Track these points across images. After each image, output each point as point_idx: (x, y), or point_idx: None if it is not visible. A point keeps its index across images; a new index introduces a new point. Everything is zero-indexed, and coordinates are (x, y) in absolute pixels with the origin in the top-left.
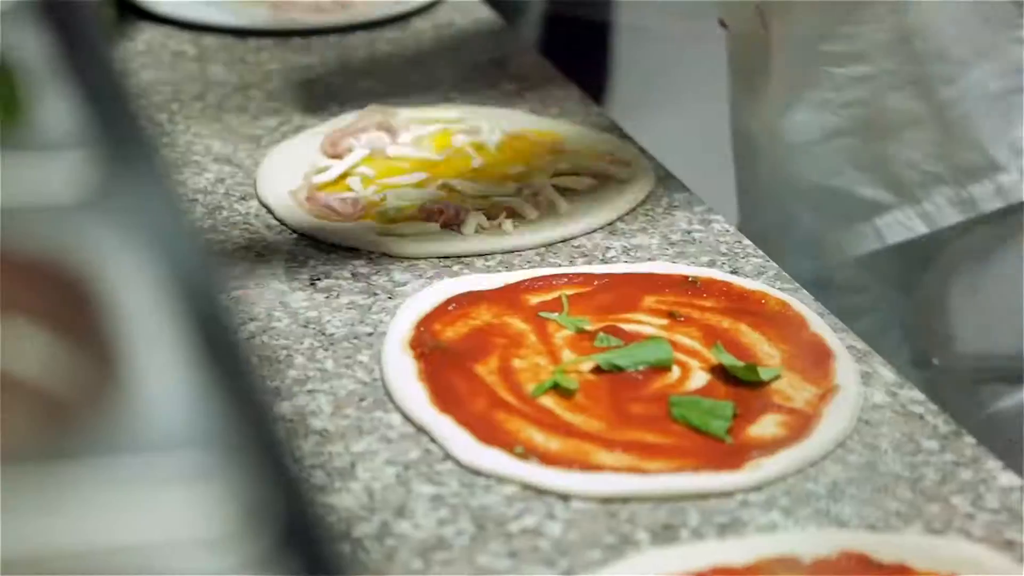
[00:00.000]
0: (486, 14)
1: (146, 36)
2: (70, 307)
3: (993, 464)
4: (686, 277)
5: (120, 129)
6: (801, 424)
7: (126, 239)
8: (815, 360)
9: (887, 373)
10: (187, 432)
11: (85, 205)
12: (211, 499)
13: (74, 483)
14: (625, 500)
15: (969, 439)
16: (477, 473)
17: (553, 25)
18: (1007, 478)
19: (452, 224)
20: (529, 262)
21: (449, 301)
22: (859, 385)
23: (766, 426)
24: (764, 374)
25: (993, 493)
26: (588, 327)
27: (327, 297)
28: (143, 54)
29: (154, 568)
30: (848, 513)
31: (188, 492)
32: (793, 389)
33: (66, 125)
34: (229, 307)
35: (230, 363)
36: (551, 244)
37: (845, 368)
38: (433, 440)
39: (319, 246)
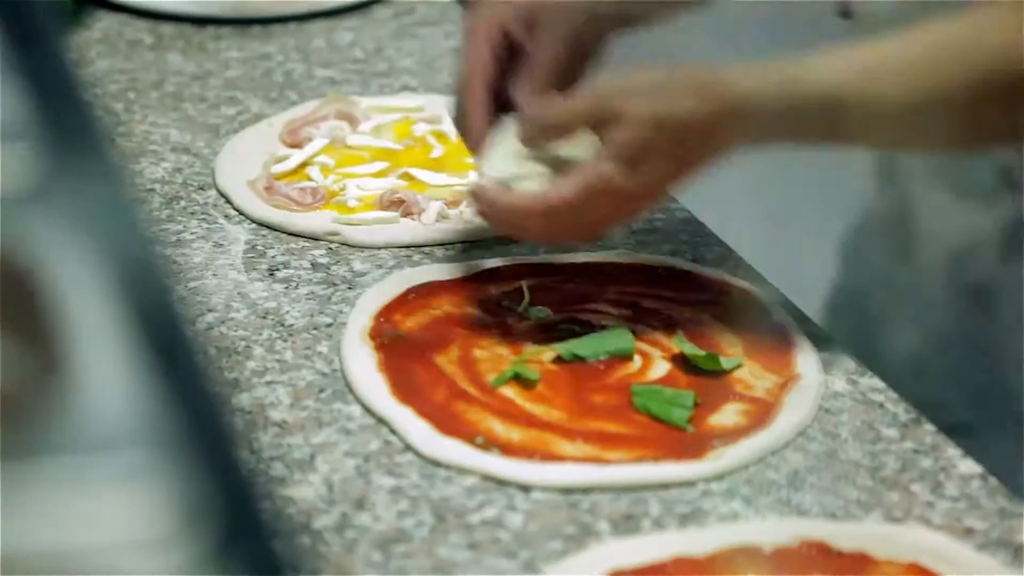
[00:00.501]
0: (448, 1)
1: (102, 24)
2: (13, 301)
3: (953, 452)
4: (648, 266)
5: (70, 119)
6: (762, 413)
7: (73, 232)
8: (776, 349)
9: (848, 361)
10: (131, 430)
11: (31, 197)
12: (154, 498)
13: (14, 484)
14: (586, 490)
15: (929, 427)
16: (437, 464)
17: None
18: (966, 466)
19: (413, 213)
20: (490, 251)
21: (409, 291)
22: (820, 373)
23: (727, 415)
24: (725, 363)
25: (953, 481)
26: (549, 317)
27: (286, 287)
28: (99, 42)
29: (97, 569)
30: (808, 502)
31: (131, 492)
32: (754, 378)
33: (13, 115)
34: (177, 302)
35: (176, 359)
36: None
37: (806, 357)
38: (393, 431)
39: (278, 236)
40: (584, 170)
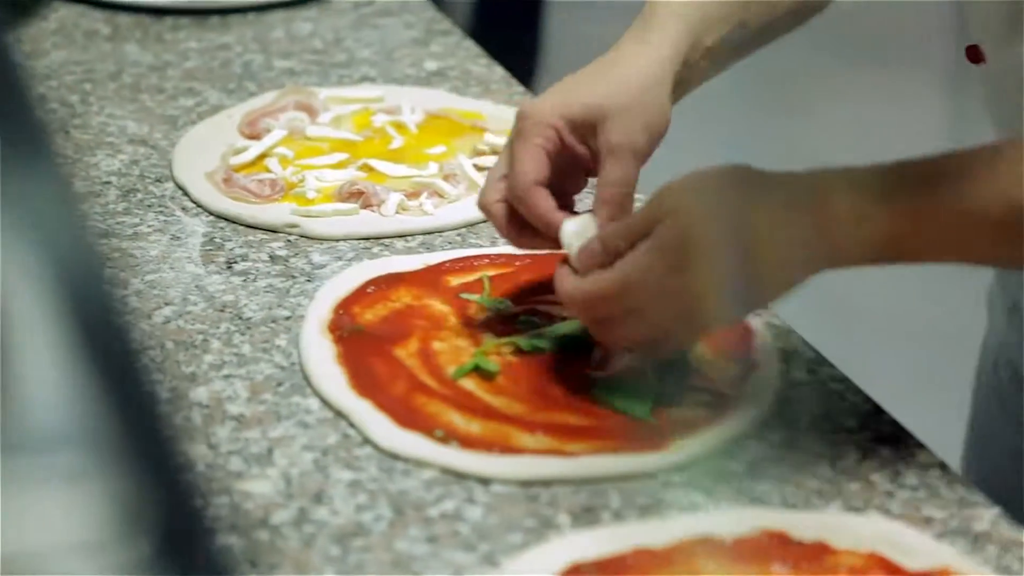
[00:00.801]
0: None
1: (59, 15)
2: None
3: (912, 441)
4: None
5: (18, 113)
6: (721, 403)
7: (14, 227)
8: (736, 338)
9: (807, 351)
10: (64, 431)
11: None
12: (92, 500)
13: None
14: (546, 483)
15: (888, 416)
16: (396, 458)
17: (484, 3)
18: (925, 455)
19: (372, 205)
20: (450, 243)
21: (369, 283)
22: (779, 363)
23: (687, 406)
24: (685, 353)
25: (912, 470)
26: (510, 308)
27: (244, 280)
28: (55, 33)
29: (33, 571)
30: (768, 492)
31: (64, 494)
32: (714, 368)
33: None
34: (118, 298)
35: (115, 357)
36: (473, 224)
37: (765, 346)
38: (352, 425)
39: (236, 228)
40: (623, 261)
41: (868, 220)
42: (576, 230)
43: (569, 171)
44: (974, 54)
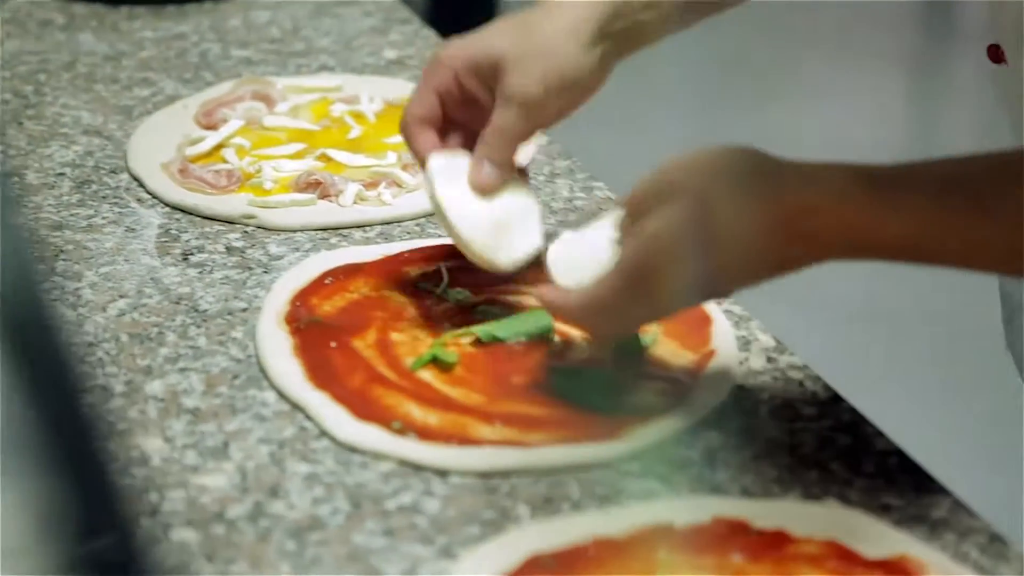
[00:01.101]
0: None
1: (12, 4)
2: None
3: (870, 429)
4: None
5: None
6: (679, 391)
7: None
8: (693, 326)
9: (766, 338)
10: (14, 429)
11: None
12: (41, 497)
13: None
14: (505, 474)
15: (847, 404)
16: (353, 450)
17: None
18: (883, 443)
19: (330, 195)
20: (409, 233)
21: (326, 274)
22: (737, 351)
23: (646, 394)
24: (643, 339)
25: (870, 458)
26: (469, 299)
27: (200, 272)
28: (9, 22)
29: None
30: (727, 480)
31: (15, 491)
32: (671, 356)
33: None
34: (47, 304)
35: (39, 361)
36: (432, 214)
37: (723, 333)
38: (308, 417)
39: (192, 220)
40: (622, 264)
41: (879, 218)
42: (443, 165)
43: (477, 112)
44: (995, 54)
